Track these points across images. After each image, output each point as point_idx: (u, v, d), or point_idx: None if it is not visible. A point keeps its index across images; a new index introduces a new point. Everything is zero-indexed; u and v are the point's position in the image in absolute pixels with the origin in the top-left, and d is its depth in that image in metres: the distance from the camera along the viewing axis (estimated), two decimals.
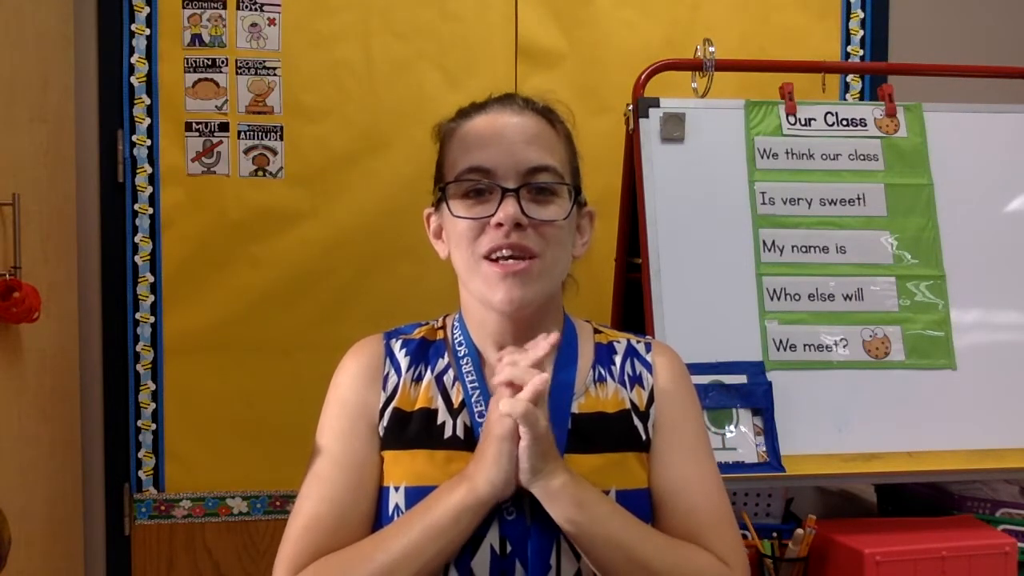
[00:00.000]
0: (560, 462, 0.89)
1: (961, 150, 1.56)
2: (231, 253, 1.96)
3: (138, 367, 1.96)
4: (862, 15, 2.15)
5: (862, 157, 1.55)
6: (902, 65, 1.95)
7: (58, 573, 1.78)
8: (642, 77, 1.57)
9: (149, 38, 1.94)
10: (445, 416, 0.96)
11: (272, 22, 1.97)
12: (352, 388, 0.99)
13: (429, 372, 0.99)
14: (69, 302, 1.86)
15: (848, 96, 2.16)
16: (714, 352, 1.40)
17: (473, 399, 0.96)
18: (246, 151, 1.97)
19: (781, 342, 1.45)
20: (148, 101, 1.94)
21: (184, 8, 1.94)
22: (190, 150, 1.96)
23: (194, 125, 1.96)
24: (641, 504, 0.94)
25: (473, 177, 0.93)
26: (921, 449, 1.41)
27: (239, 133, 1.97)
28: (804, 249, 1.50)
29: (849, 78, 2.15)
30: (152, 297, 1.96)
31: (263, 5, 1.96)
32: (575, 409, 0.96)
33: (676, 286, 1.45)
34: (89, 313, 1.94)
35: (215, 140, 1.96)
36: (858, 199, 1.52)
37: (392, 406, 0.97)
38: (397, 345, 1.01)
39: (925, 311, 1.48)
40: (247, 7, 1.96)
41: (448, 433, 0.95)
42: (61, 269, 1.81)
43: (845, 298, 1.48)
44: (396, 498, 0.93)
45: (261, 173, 1.98)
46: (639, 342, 1.05)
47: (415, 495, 0.91)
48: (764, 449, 1.38)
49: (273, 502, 1.98)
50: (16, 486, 1.55)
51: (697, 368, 1.35)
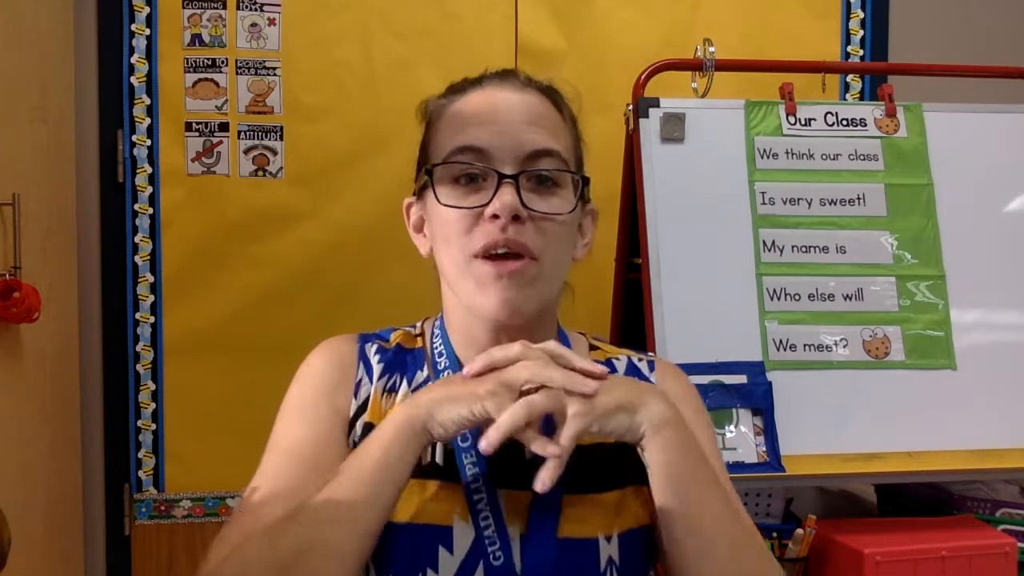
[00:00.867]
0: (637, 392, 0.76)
1: (961, 150, 1.56)
2: (231, 253, 1.96)
3: (138, 367, 1.96)
4: (862, 15, 2.14)
5: (862, 157, 1.54)
6: (902, 65, 1.95)
7: (58, 573, 1.78)
8: (642, 77, 1.57)
9: (149, 38, 1.94)
10: None
11: (272, 22, 1.97)
12: (321, 389, 0.85)
13: (405, 384, 0.86)
14: (69, 302, 1.86)
15: (848, 96, 2.16)
16: (714, 352, 1.40)
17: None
18: (246, 151, 1.97)
19: (781, 342, 1.45)
20: (148, 101, 1.94)
21: (184, 8, 1.94)
22: (190, 150, 1.96)
23: (194, 125, 1.96)
24: (643, 544, 0.83)
25: (465, 159, 0.80)
26: (921, 449, 1.41)
27: (239, 133, 1.97)
28: (804, 249, 1.50)
29: (849, 78, 2.15)
30: (152, 297, 1.95)
31: (263, 5, 1.96)
32: None
33: (676, 286, 1.45)
34: (89, 313, 1.94)
35: (215, 140, 1.96)
36: (858, 199, 1.52)
37: (363, 419, 0.83)
38: (372, 350, 0.88)
39: (925, 311, 1.48)
40: (247, 7, 1.96)
41: (427, 459, 0.80)
42: (61, 269, 1.80)
43: (845, 298, 1.48)
44: None
45: (261, 173, 1.98)
46: (641, 360, 0.93)
47: (384, 530, 0.75)
48: (764, 449, 1.38)
49: None
50: (16, 486, 1.55)
51: (697, 368, 1.35)
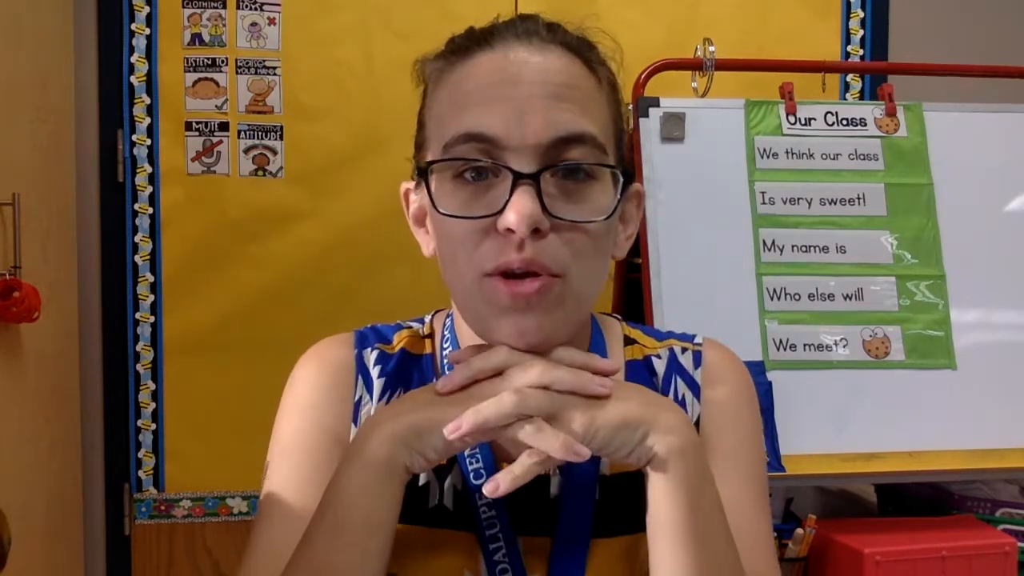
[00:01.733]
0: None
1: (961, 150, 1.56)
2: (231, 253, 1.96)
3: (138, 367, 1.95)
4: (862, 15, 2.14)
5: (862, 157, 1.54)
6: (902, 65, 1.95)
7: (58, 573, 1.78)
8: (642, 76, 1.56)
9: (149, 38, 1.94)
10: (429, 475, 0.70)
11: (272, 22, 1.97)
12: (316, 419, 0.72)
13: None
14: (69, 302, 1.86)
15: (848, 96, 2.16)
16: None
17: (467, 451, 0.69)
18: (246, 151, 1.97)
19: (781, 342, 1.45)
20: (148, 101, 1.94)
21: (184, 8, 1.94)
22: (190, 150, 1.95)
23: (194, 125, 1.96)
24: None
25: (468, 151, 0.62)
26: (921, 449, 1.41)
27: (239, 133, 1.97)
28: (804, 249, 1.50)
29: (849, 78, 2.15)
30: (152, 297, 1.95)
31: (263, 5, 1.96)
32: (605, 470, 0.70)
33: (676, 286, 1.45)
34: (89, 313, 1.94)
35: (215, 140, 1.96)
36: (858, 199, 1.52)
37: None
38: (371, 357, 0.74)
39: (925, 311, 1.48)
40: (247, 7, 1.96)
41: (433, 500, 0.69)
42: (61, 269, 1.80)
43: (845, 298, 1.48)
44: None
45: (261, 173, 1.98)
46: (685, 350, 0.77)
47: None
48: (765, 449, 1.37)
49: None
50: (16, 486, 1.55)
51: None
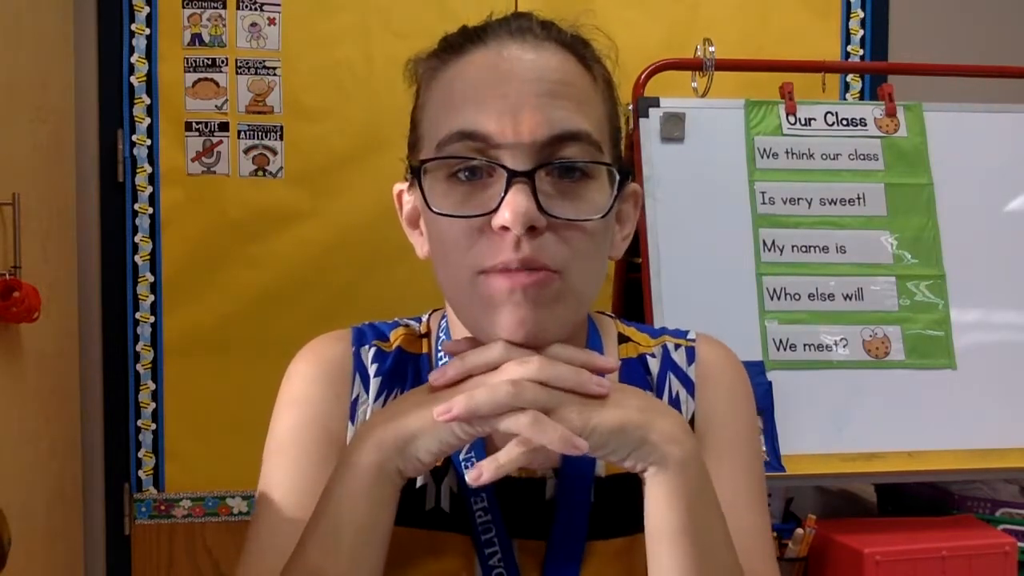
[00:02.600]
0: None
1: (961, 150, 1.56)
2: (231, 253, 1.96)
3: (138, 367, 1.95)
4: (862, 15, 2.14)
5: (862, 157, 1.54)
6: (902, 65, 1.95)
7: (58, 573, 1.78)
8: (642, 77, 1.57)
9: (149, 38, 1.94)
10: (426, 477, 0.69)
11: (272, 22, 1.97)
12: (312, 418, 0.71)
13: None
14: (69, 302, 1.86)
15: (848, 96, 2.16)
16: None
17: (462, 454, 0.69)
18: (246, 151, 1.97)
19: (781, 342, 1.45)
20: (148, 101, 1.94)
21: (184, 8, 1.94)
22: (190, 150, 1.96)
23: (194, 125, 1.96)
24: None
25: (462, 150, 0.61)
26: (921, 449, 1.41)
27: (239, 133, 1.97)
28: (804, 249, 1.50)
29: (849, 78, 2.15)
30: (152, 297, 1.95)
31: (263, 5, 1.96)
32: (600, 471, 0.70)
33: (676, 286, 1.44)
34: (89, 313, 1.94)
35: (215, 140, 1.96)
36: (858, 199, 1.52)
37: None
38: (368, 355, 0.74)
39: (925, 311, 1.48)
40: (247, 7, 1.96)
41: (430, 503, 0.69)
42: (61, 269, 1.80)
43: (845, 298, 1.48)
44: None
45: (261, 173, 1.98)
46: (679, 347, 0.76)
47: None
48: (764, 449, 1.37)
49: None
50: (16, 486, 1.55)
51: None
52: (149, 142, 1.94)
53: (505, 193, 0.59)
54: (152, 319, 1.95)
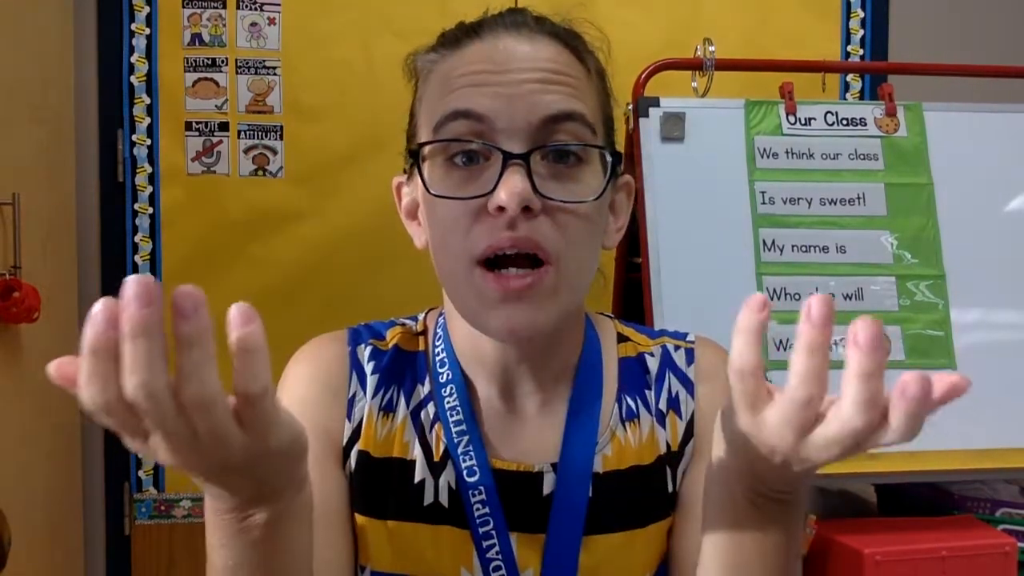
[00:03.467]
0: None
1: (961, 150, 1.56)
2: (231, 253, 1.96)
3: None
4: (862, 15, 2.14)
5: (862, 157, 1.54)
6: (902, 65, 1.95)
7: (58, 573, 1.78)
8: (642, 76, 1.56)
9: (149, 38, 1.94)
10: (424, 472, 0.70)
11: (272, 21, 1.97)
12: (309, 405, 0.71)
13: (404, 402, 0.72)
14: (69, 302, 1.86)
15: (848, 96, 2.16)
16: None
17: (460, 449, 0.69)
18: (246, 151, 1.97)
19: (781, 342, 1.45)
20: (148, 101, 1.94)
21: (184, 8, 1.94)
22: (190, 149, 1.96)
23: (194, 124, 1.96)
24: None
25: (459, 130, 0.63)
26: (921, 449, 1.41)
27: (239, 133, 1.97)
28: (804, 249, 1.50)
29: (849, 78, 2.15)
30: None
31: (263, 5, 1.96)
32: (598, 467, 0.70)
33: (676, 286, 1.44)
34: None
35: (215, 140, 1.96)
36: (858, 199, 1.52)
37: (357, 447, 0.71)
38: (365, 354, 0.74)
39: (925, 311, 1.48)
40: (247, 6, 1.96)
41: (429, 498, 0.69)
42: (61, 269, 1.80)
43: (845, 298, 1.48)
44: None
45: (261, 173, 1.98)
46: (678, 347, 0.76)
47: None
48: None
49: None
50: (16, 486, 1.55)
51: None
52: (149, 142, 1.95)
53: (501, 175, 0.61)
54: None
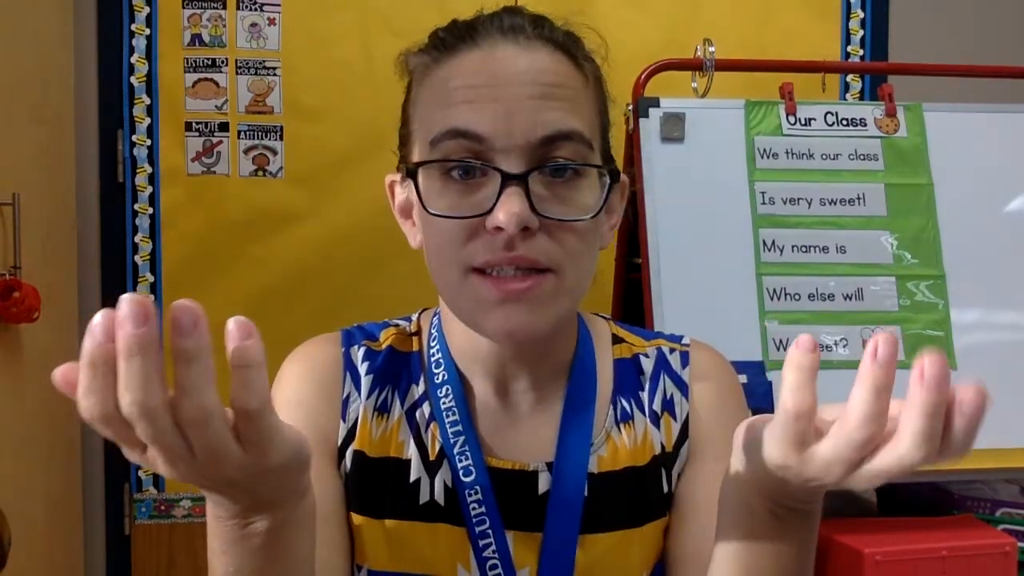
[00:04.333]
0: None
1: (961, 150, 1.56)
2: (231, 253, 1.96)
3: None
4: (862, 15, 2.14)
5: (862, 157, 1.54)
6: (902, 65, 1.95)
7: (58, 573, 1.78)
8: (642, 77, 1.56)
9: (149, 38, 1.94)
10: (419, 471, 0.70)
11: (272, 22, 1.97)
12: (304, 406, 0.72)
13: (399, 402, 0.72)
14: (69, 302, 1.86)
15: (848, 96, 2.16)
16: None
17: (456, 448, 0.69)
18: (246, 151, 1.97)
19: (781, 342, 1.45)
20: (148, 101, 1.94)
21: (184, 8, 1.94)
22: (190, 150, 1.96)
23: (194, 125, 1.96)
24: None
25: (456, 149, 0.62)
26: None
27: (239, 133, 1.97)
28: (804, 249, 1.50)
29: (849, 78, 2.15)
30: (152, 297, 1.95)
31: (263, 5, 1.96)
32: (593, 468, 0.70)
33: (676, 286, 1.44)
34: (89, 313, 1.89)
35: (215, 140, 1.96)
36: (858, 199, 1.52)
37: (352, 447, 0.71)
38: (359, 355, 0.74)
39: (925, 311, 1.48)
40: (247, 7, 1.96)
41: (424, 497, 0.69)
42: (61, 269, 1.80)
43: (845, 298, 1.48)
44: None
45: (261, 173, 1.98)
46: (673, 350, 0.77)
47: None
48: None
49: None
50: (16, 486, 1.55)
51: None
52: (149, 142, 1.95)
53: (499, 195, 0.61)
54: None
